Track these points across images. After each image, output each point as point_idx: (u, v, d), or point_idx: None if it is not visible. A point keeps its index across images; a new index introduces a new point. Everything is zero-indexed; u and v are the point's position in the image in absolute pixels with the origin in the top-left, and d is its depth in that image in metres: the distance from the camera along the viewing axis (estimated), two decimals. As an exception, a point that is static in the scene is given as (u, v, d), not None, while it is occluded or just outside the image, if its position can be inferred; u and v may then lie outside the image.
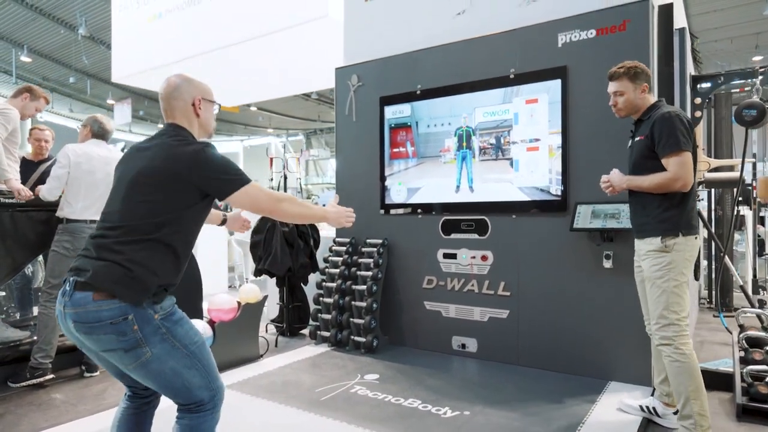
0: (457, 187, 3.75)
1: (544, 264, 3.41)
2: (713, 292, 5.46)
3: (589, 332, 3.24)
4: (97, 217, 1.76)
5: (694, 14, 12.07)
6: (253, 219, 4.64)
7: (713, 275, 5.51)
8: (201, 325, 3.31)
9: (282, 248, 4.17)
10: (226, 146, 35.27)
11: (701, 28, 12.99)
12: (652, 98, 2.61)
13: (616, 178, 2.63)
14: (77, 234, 3.30)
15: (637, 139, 2.57)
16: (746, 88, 4.05)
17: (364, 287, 3.90)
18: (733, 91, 4.49)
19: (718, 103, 5.38)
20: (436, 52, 3.87)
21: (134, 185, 1.63)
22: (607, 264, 3.16)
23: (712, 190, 5.37)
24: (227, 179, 1.65)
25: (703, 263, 5.57)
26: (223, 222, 2.44)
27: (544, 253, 3.41)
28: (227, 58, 6.93)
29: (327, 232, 4.72)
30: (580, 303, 3.28)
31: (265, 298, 3.77)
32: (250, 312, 3.62)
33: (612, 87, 2.62)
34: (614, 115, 3.21)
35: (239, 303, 3.59)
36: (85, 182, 3.34)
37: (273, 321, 4.53)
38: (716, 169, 4.61)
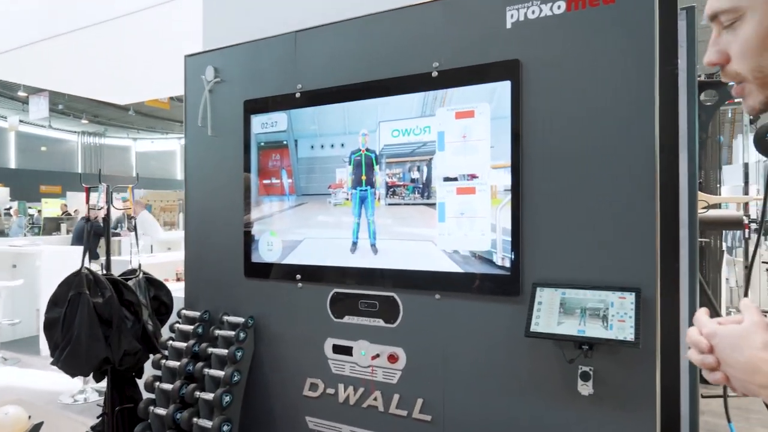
0: (354, 243, 2.42)
1: (485, 377, 2.12)
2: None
3: (555, 495, 1.98)
4: None
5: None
6: (55, 282, 3.14)
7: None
8: None
9: (91, 330, 2.69)
10: (161, 144, 32.90)
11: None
12: None
13: None
14: None
15: None
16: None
17: (212, 396, 2.51)
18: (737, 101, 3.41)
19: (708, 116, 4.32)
20: (324, 33, 2.52)
21: None
22: (585, 389, 1.90)
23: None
24: None
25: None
26: None
27: (484, 359, 2.13)
28: (94, 43, 5.41)
29: (180, 286, 3.26)
30: (540, 446, 2.01)
31: (39, 425, 2.30)
32: (4, 456, 2.16)
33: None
34: (599, 138, 1.98)
35: (-18, 443, 2.13)
36: None
37: (93, 429, 3.06)
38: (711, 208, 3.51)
